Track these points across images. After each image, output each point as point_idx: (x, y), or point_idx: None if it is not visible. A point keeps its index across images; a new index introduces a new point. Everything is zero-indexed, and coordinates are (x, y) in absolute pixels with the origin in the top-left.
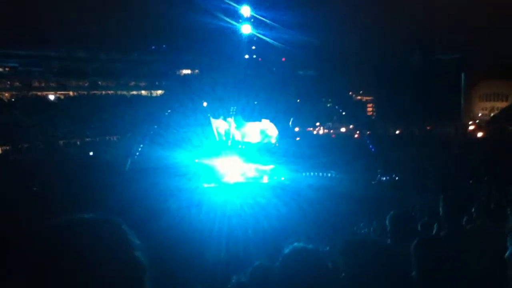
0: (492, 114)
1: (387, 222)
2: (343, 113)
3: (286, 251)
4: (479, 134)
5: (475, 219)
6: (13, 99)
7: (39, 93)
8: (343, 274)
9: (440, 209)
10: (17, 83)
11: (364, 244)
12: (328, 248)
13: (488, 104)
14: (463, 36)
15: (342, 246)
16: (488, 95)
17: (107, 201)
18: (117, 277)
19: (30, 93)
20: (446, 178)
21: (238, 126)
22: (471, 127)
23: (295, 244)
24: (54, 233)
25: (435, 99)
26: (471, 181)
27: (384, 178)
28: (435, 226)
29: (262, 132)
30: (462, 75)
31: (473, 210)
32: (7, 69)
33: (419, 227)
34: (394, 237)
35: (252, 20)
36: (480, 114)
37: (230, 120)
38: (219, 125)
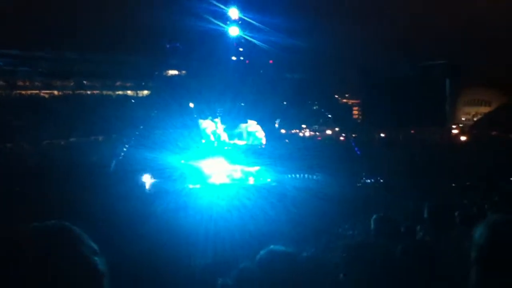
0: (475, 119)
1: (371, 225)
2: (329, 116)
3: (262, 253)
4: (463, 139)
5: (458, 225)
6: None
7: (23, 92)
8: (341, 276)
9: (425, 214)
10: (1, 82)
11: (365, 247)
12: (313, 250)
13: (472, 110)
14: (449, 43)
15: (343, 251)
16: (472, 101)
17: (92, 203)
18: (72, 285)
19: (14, 92)
20: (430, 182)
21: (225, 128)
22: (455, 131)
23: (271, 246)
24: (4, 243)
25: (420, 104)
26: (453, 185)
27: (369, 181)
28: (418, 230)
29: (249, 133)
30: (447, 81)
31: (455, 215)
32: None
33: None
34: (377, 240)
35: (239, 22)
36: (463, 119)
37: (217, 121)
38: (206, 126)
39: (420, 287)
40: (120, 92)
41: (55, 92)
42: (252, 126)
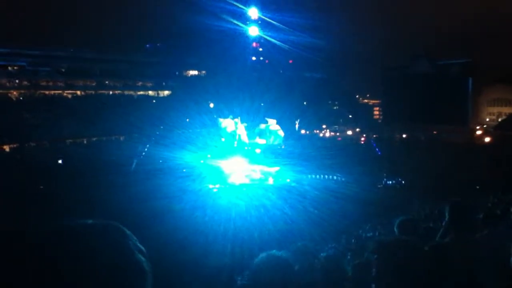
0: (499, 120)
1: (395, 228)
2: (350, 116)
3: (257, 260)
4: (486, 140)
5: (481, 227)
6: (20, 98)
7: (46, 92)
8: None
9: (446, 215)
10: (25, 82)
11: (397, 244)
12: (332, 251)
13: (495, 109)
14: (471, 41)
15: (375, 247)
16: (495, 100)
17: (112, 202)
18: (118, 284)
19: (38, 92)
20: (452, 183)
21: (244, 128)
22: (478, 132)
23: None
24: (53, 238)
25: (442, 104)
26: (477, 187)
27: (390, 182)
28: (439, 233)
29: (270, 132)
30: (470, 80)
31: (480, 217)
32: (15, 68)
33: (423, 232)
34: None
35: (259, 22)
36: (487, 119)
37: (237, 121)
38: (225, 126)
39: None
40: (141, 92)
41: (77, 92)
42: (273, 124)
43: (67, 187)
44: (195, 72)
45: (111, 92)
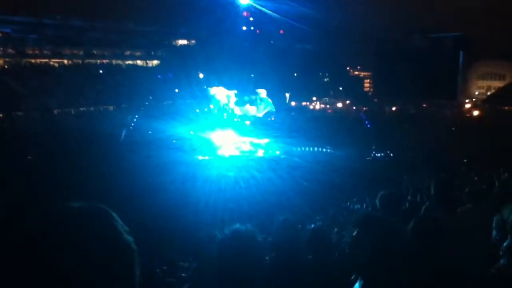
0: (488, 93)
1: (377, 201)
2: (340, 88)
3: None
4: (475, 113)
5: (466, 202)
6: (6, 66)
7: (33, 61)
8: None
9: (432, 190)
10: (11, 50)
11: (373, 221)
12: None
13: (485, 83)
14: (462, 15)
15: (360, 221)
16: (485, 75)
17: (102, 173)
18: (109, 266)
19: (24, 60)
20: (440, 157)
21: (235, 99)
22: (467, 106)
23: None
24: (45, 223)
25: (433, 77)
26: (465, 161)
27: (378, 155)
28: (423, 206)
29: (258, 105)
30: (461, 54)
31: (465, 192)
32: (0, 35)
33: (407, 206)
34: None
35: None
36: (476, 93)
37: (227, 92)
38: (215, 97)
39: (425, 263)
40: (130, 62)
41: (65, 61)
42: (263, 96)
43: (54, 157)
44: (185, 42)
45: (99, 62)
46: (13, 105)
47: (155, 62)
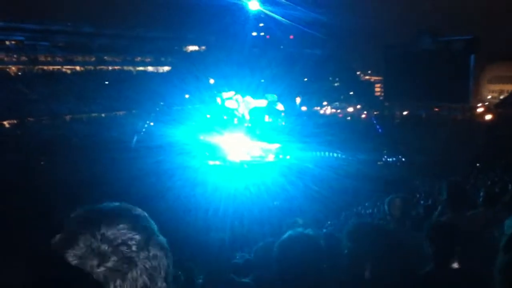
0: (501, 97)
1: (385, 206)
2: (351, 92)
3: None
4: (488, 117)
5: (479, 206)
6: (19, 73)
7: (45, 68)
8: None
9: (444, 194)
10: (23, 57)
11: (372, 229)
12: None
13: (497, 87)
14: (473, 18)
15: (351, 229)
16: (497, 78)
17: (112, 179)
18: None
19: (36, 67)
20: (452, 162)
21: (245, 104)
22: (479, 110)
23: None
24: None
25: (444, 81)
26: (478, 165)
27: (390, 159)
28: (437, 211)
29: (269, 110)
30: (472, 56)
31: (479, 196)
32: (13, 42)
33: (421, 211)
34: (392, 220)
35: None
36: (489, 97)
37: (237, 97)
38: (225, 102)
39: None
40: (141, 68)
41: (77, 68)
42: (274, 101)
43: (66, 164)
44: (195, 48)
45: (110, 68)
46: (25, 111)
47: (166, 68)
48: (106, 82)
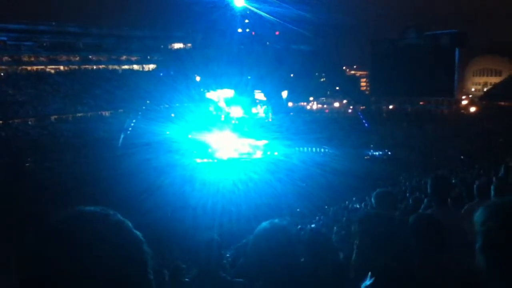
0: (485, 90)
1: (372, 199)
2: (337, 88)
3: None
4: (472, 110)
5: (464, 199)
6: (2, 74)
7: (29, 68)
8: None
9: (428, 187)
10: (7, 58)
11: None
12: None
13: (481, 79)
14: (458, 12)
15: (361, 218)
16: (482, 71)
17: (100, 178)
18: (121, 268)
19: (20, 67)
20: (438, 155)
21: (232, 101)
22: (464, 102)
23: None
24: (58, 228)
25: (429, 75)
26: (462, 157)
27: (377, 154)
28: (423, 203)
29: (256, 107)
30: (457, 50)
31: (463, 189)
32: None
33: (410, 202)
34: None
35: None
36: (473, 89)
37: (224, 94)
38: (213, 100)
39: (422, 261)
40: (126, 66)
41: (61, 68)
42: (261, 97)
43: (53, 163)
44: (181, 45)
45: (95, 67)
46: (11, 112)
47: (152, 66)
48: (92, 81)
